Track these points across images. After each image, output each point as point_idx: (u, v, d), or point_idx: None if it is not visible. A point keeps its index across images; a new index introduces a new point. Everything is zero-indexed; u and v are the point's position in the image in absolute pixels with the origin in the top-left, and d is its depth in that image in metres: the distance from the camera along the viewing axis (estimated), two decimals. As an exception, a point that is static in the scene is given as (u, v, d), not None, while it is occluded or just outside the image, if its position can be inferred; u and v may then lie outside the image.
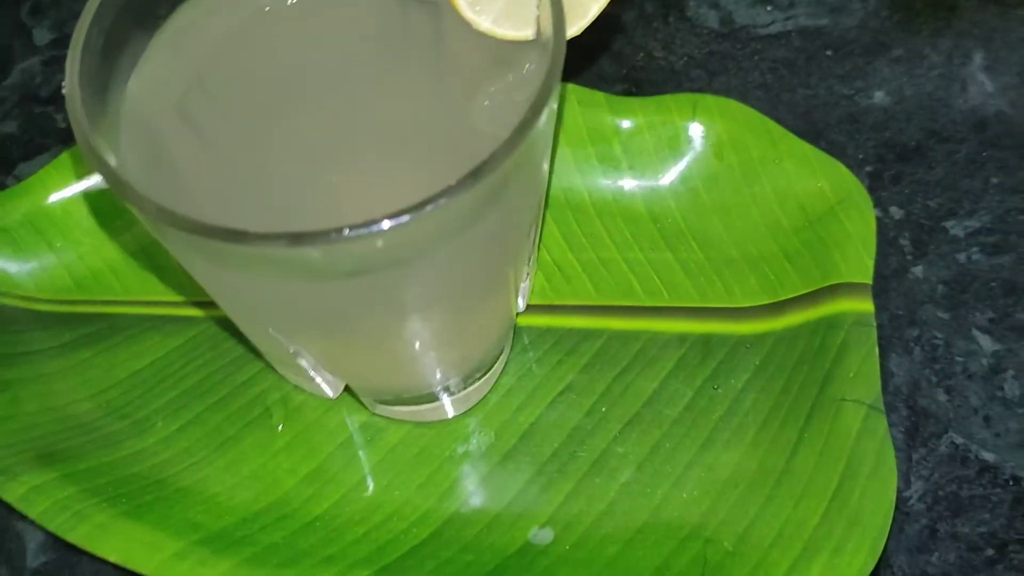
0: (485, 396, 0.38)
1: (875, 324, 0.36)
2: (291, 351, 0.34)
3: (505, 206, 0.28)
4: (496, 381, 0.38)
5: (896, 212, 0.41)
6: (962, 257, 0.40)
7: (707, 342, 0.39)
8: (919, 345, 0.39)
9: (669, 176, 0.42)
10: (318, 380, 0.37)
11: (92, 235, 0.42)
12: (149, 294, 0.42)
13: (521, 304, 0.39)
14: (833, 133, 0.44)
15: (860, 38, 0.46)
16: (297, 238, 0.24)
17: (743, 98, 0.45)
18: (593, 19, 0.30)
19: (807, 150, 0.40)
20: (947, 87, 0.45)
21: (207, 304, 0.41)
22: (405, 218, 0.24)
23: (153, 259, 0.42)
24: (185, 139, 0.31)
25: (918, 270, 0.40)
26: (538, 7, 0.29)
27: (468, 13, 0.28)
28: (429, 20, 0.33)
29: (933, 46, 0.46)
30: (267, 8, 0.33)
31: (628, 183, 0.42)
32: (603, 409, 0.38)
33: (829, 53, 0.46)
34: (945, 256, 0.40)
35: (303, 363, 0.35)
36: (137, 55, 0.31)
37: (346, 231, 0.24)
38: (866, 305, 0.37)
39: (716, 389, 0.38)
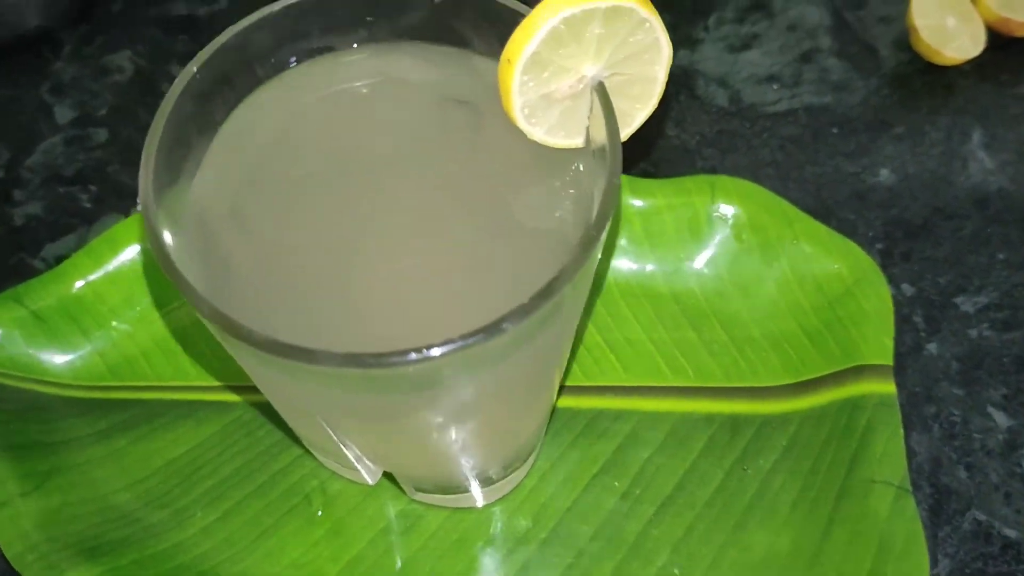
0: (521, 482, 0.39)
1: (898, 405, 0.38)
2: (336, 441, 0.35)
3: (565, 315, 0.30)
4: (532, 466, 0.39)
5: (908, 289, 0.43)
6: (974, 333, 0.42)
7: (734, 422, 0.40)
8: (937, 422, 0.40)
9: (689, 257, 0.43)
10: (359, 468, 0.37)
11: (125, 320, 0.43)
12: (182, 379, 0.42)
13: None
14: (843, 211, 0.45)
15: (863, 116, 0.48)
16: (363, 360, 0.25)
17: (754, 176, 0.47)
18: (639, 126, 0.31)
19: (821, 231, 0.42)
20: (948, 164, 0.47)
21: (241, 389, 0.42)
22: (478, 338, 0.25)
23: (186, 344, 0.43)
24: (240, 240, 0.32)
25: (932, 347, 0.42)
26: (589, 118, 0.30)
27: (523, 124, 0.30)
28: (469, 120, 0.34)
29: (932, 123, 0.48)
30: (311, 107, 0.34)
31: (649, 264, 0.43)
32: (637, 491, 0.39)
33: (835, 131, 0.48)
34: (957, 332, 0.42)
35: (347, 452, 0.36)
36: (199, 160, 0.32)
37: (412, 355, 0.25)
38: (888, 386, 0.39)
39: (745, 470, 0.39)
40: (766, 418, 0.40)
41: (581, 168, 0.31)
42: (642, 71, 0.30)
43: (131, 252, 0.44)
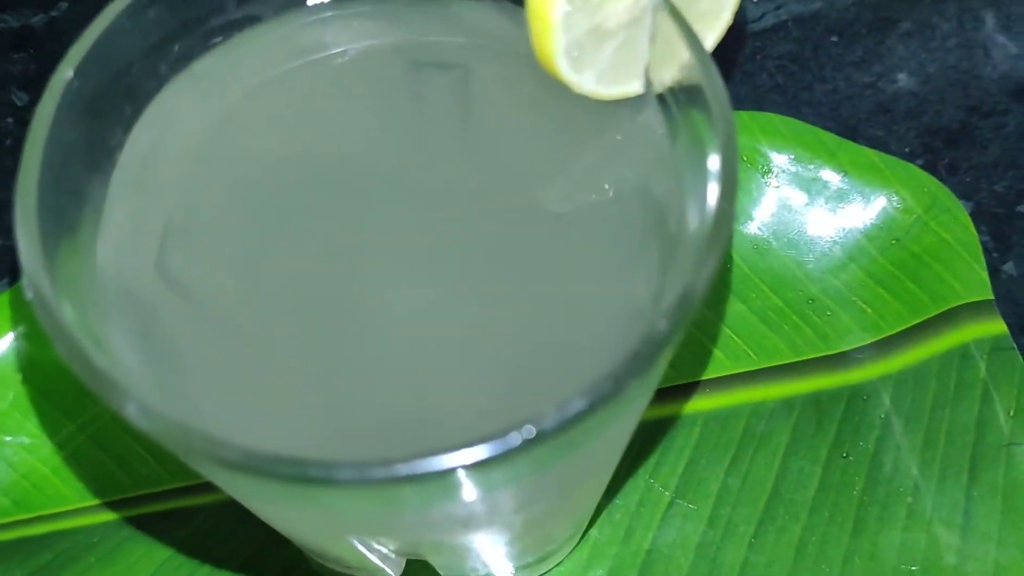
0: (585, 531, 0.31)
1: (1015, 346, 0.31)
2: (356, 549, 0.26)
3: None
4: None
5: (965, 205, 0.37)
6: (1050, 242, 0.36)
7: (817, 402, 0.33)
8: (1042, 354, 0.34)
9: (715, 214, 0.35)
10: (382, 566, 0.28)
11: (20, 431, 0.32)
12: (115, 492, 0.32)
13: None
14: (869, 128, 0.38)
15: (861, 16, 0.41)
16: (377, 478, 0.16)
17: (759, 105, 0.39)
18: (729, 23, 0.23)
19: (871, 156, 0.35)
20: (969, 56, 0.40)
21: (196, 489, 0.32)
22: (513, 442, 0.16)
23: (111, 446, 0.32)
24: (175, 309, 0.22)
25: (1009, 267, 0.36)
26: (650, 52, 0.22)
27: (568, 72, 0.21)
28: (459, 91, 0.25)
29: (940, 13, 0.41)
30: (240, 107, 0.24)
31: (670, 231, 0.35)
32: (725, 513, 0.31)
33: (835, 39, 0.41)
34: (1033, 245, 0.36)
35: (369, 556, 0.27)
36: (99, 203, 0.22)
37: (439, 460, 0.16)
38: (997, 325, 0.32)
39: (846, 457, 0.32)
40: (854, 389, 0.33)
41: (646, 123, 0.23)
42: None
43: (7, 340, 0.33)
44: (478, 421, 0.17)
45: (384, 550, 0.26)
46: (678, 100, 0.21)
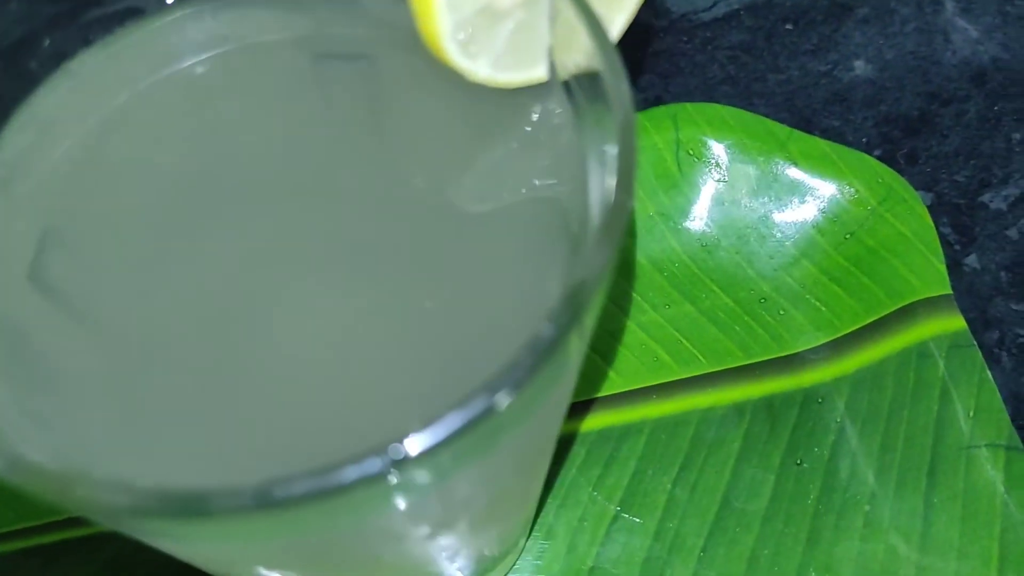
0: (524, 547, 0.29)
1: (975, 343, 0.30)
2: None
3: (578, 350, 0.20)
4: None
5: (925, 197, 0.35)
6: (1014, 233, 0.34)
7: (770, 406, 0.31)
8: (1005, 350, 0.32)
9: (662, 211, 0.34)
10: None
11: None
12: (26, 518, 0.30)
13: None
14: (824, 118, 0.37)
15: (817, 3, 0.40)
16: (276, 497, 0.15)
17: (709, 97, 0.38)
18: (638, 5, 0.21)
19: (823, 147, 0.33)
20: (929, 41, 0.39)
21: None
22: (433, 437, 0.15)
23: None
24: (49, 322, 0.20)
25: (972, 260, 0.34)
26: (551, 35, 0.20)
27: (458, 58, 0.19)
28: (366, 82, 0.24)
29: (897, -2, 0.40)
30: (126, 109, 0.23)
31: (615, 230, 0.34)
32: (672, 526, 0.29)
33: (789, 27, 0.39)
34: (995, 236, 0.34)
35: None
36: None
37: (349, 472, 0.15)
38: (955, 321, 0.30)
39: (800, 464, 0.30)
40: (808, 392, 0.31)
41: (553, 112, 0.21)
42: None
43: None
44: (381, 428, 0.15)
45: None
46: (582, 87, 0.20)
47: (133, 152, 0.22)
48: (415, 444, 0.15)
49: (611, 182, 0.17)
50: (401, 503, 0.17)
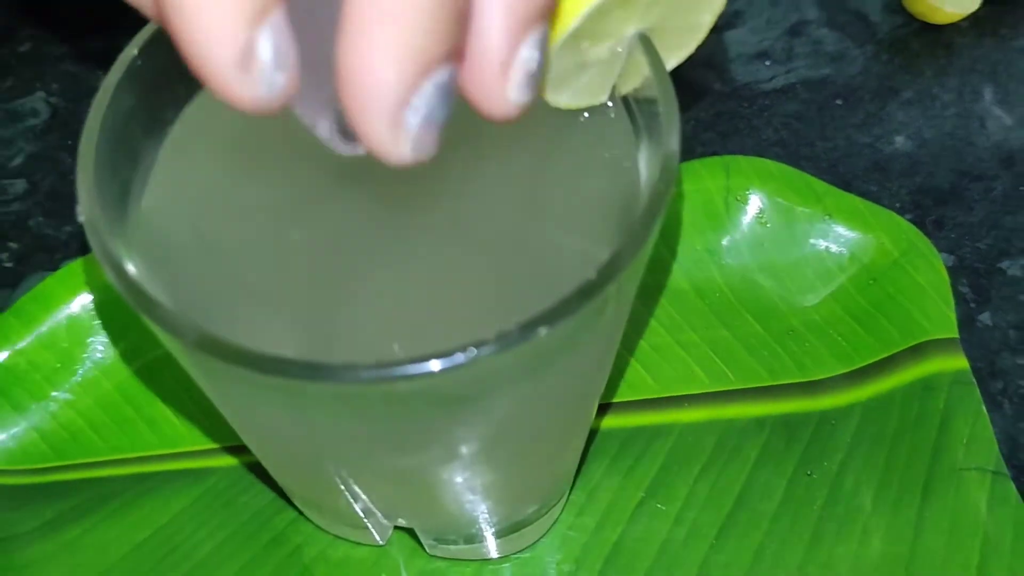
0: (557, 518, 0.33)
1: (975, 381, 0.33)
2: (342, 492, 0.29)
3: (617, 311, 0.24)
4: (567, 499, 0.34)
5: (948, 259, 0.39)
6: (1026, 298, 0.38)
7: (788, 423, 0.35)
8: (1007, 398, 0.36)
9: (709, 247, 0.38)
10: (368, 524, 0.31)
11: (64, 388, 0.36)
12: (141, 449, 0.36)
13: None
14: (863, 183, 0.41)
15: (866, 84, 0.45)
16: (384, 372, 0.20)
17: (761, 156, 0.42)
18: (707, 33, 0.26)
19: (856, 203, 0.38)
20: (965, 125, 0.43)
21: (214, 452, 0.35)
22: (493, 348, 0.20)
23: (141, 406, 0.36)
24: (209, 266, 0.26)
25: (985, 317, 0.38)
26: (620, 74, 0.25)
27: (549, 95, 0.25)
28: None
29: (940, 85, 0.44)
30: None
31: (666, 259, 0.39)
32: (691, 515, 0.33)
33: (839, 102, 0.44)
34: (1009, 299, 0.38)
35: (354, 505, 0.30)
36: (148, 168, 0.26)
37: (433, 363, 0.19)
38: (959, 361, 0.34)
39: (810, 475, 0.34)
40: (823, 414, 0.35)
41: (610, 128, 0.26)
42: (685, 20, 0.25)
43: (66, 310, 0.37)
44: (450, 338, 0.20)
45: (365, 497, 0.29)
46: (641, 110, 0.25)
47: (275, 135, 0.28)
48: (484, 350, 0.19)
49: (655, 174, 0.22)
50: (466, 403, 0.22)
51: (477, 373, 0.20)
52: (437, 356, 0.19)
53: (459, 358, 0.19)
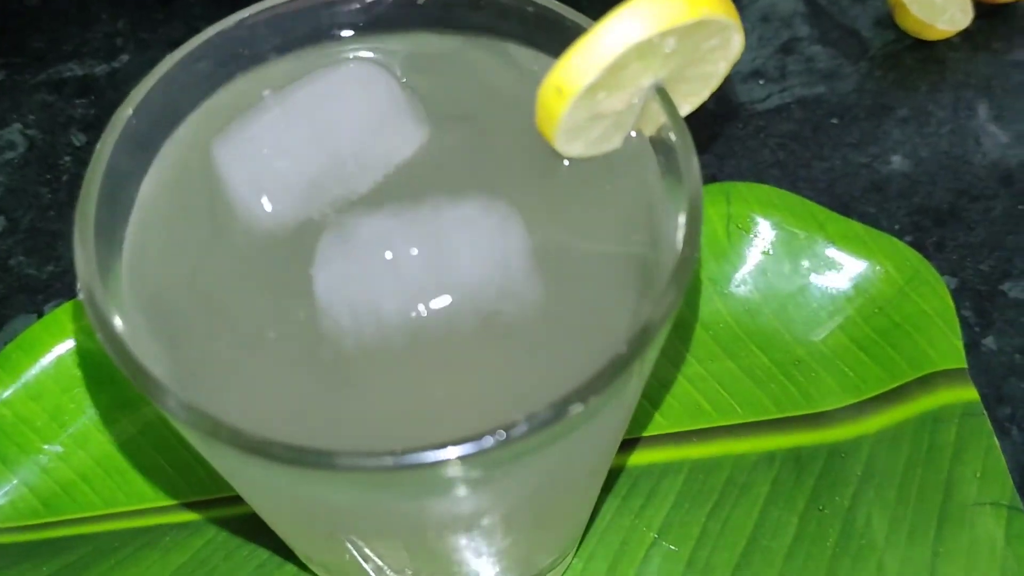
0: (570, 564, 0.33)
1: (985, 412, 0.33)
2: (354, 558, 0.28)
3: (643, 371, 0.24)
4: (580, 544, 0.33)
5: (950, 281, 0.39)
6: (1030, 320, 0.38)
7: (798, 457, 0.35)
8: (1015, 424, 0.36)
9: (712, 277, 0.38)
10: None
11: (54, 440, 0.35)
12: (136, 502, 0.35)
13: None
14: (861, 205, 0.41)
15: (861, 102, 0.44)
16: (400, 463, 0.19)
17: (759, 179, 0.42)
18: (722, 79, 0.25)
19: (858, 230, 0.37)
20: (962, 143, 0.43)
21: (212, 504, 0.34)
22: (524, 428, 0.19)
23: (136, 459, 0.35)
24: (208, 321, 0.25)
25: (989, 341, 0.38)
26: (639, 119, 0.24)
27: (562, 146, 0.24)
28: (473, 144, 0.28)
29: (935, 102, 0.44)
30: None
31: (668, 290, 0.38)
32: (703, 555, 0.33)
33: (834, 121, 0.44)
34: (1013, 322, 0.38)
35: (365, 567, 0.29)
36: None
37: (451, 450, 0.19)
38: (968, 392, 0.34)
39: (822, 510, 0.33)
40: (833, 447, 0.35)
41: (630, 174, 0.25)
42: (701, 69, 0.25)
43: (51, 356, 0.36)
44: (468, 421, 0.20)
45: (379, 561, 0.28)
46: (659, 161, 0.24)
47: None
48: (516, 431, 0.19)
49: (679, 238, 0.22)
50: (490, 482, 0.21)
51: (505, 455, 0.20)
52: (467, 440, 0.19)
53: (489, 441, 0.19)
